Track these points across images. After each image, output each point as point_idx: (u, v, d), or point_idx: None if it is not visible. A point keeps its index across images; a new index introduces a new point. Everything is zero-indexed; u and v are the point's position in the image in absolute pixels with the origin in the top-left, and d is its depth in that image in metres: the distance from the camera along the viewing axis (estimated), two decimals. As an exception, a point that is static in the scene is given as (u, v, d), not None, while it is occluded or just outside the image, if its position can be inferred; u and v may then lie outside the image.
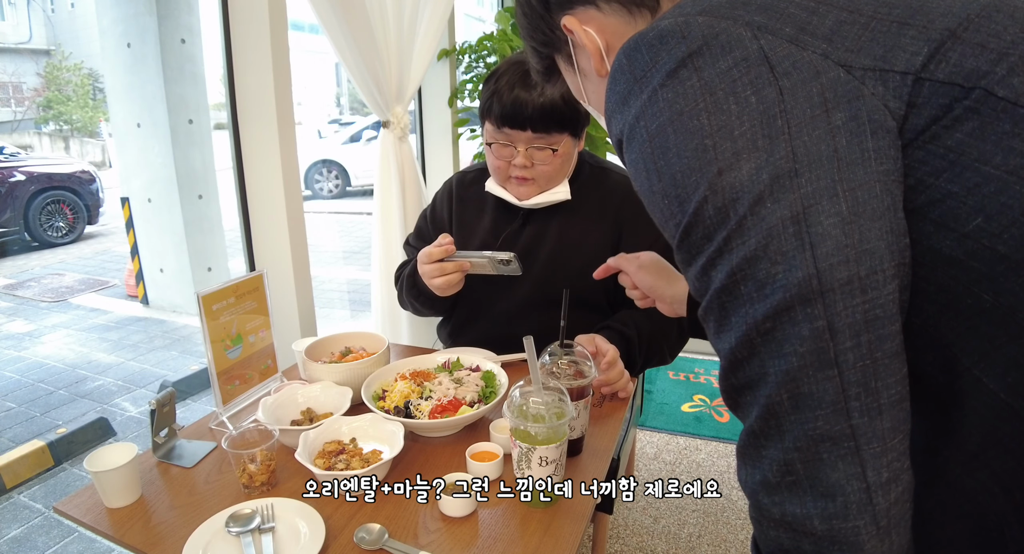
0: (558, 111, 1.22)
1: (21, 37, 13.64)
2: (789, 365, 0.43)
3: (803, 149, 0.42)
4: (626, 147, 0.50)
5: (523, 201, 1.34)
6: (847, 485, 0.43)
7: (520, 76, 1.23)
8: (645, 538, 1.85)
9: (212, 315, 1.11)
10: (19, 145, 8.93)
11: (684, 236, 0.47)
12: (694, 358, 3.14)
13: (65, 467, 2.42)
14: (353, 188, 9.18)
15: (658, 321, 1.34)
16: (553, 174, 1.30)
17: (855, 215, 0.42)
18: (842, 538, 0.44)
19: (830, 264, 0.41)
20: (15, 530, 2.04)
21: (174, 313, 4.40)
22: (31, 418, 2.86)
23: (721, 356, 0.48)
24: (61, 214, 6.60)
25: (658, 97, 0.46)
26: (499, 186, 1.36)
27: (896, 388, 0.43)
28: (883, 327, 0.42)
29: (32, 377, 3.32)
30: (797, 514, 0.45)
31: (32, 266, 5.81)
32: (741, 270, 0.44)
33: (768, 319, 0.43)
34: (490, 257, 1.23)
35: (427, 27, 2.01)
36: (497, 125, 1.26)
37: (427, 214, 1.55)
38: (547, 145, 1.25)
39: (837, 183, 0.42)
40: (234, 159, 1.66)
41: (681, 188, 0.46)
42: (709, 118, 0.44)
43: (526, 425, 0.88)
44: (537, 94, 1.21)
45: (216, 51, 1.65)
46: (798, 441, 0.44)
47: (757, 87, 0.43)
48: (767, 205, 0.42)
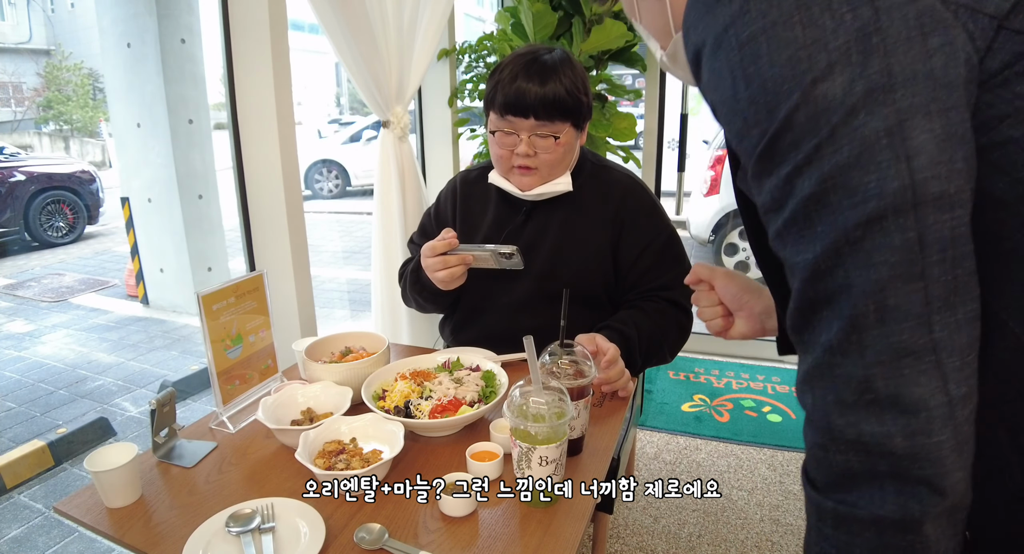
0: (560, 100, 1.23)
1: (21, 37, 13.64)
2: (878, 275, 0.44)
3: (899, 66, 0.43)
4: (709, 55, 0.50)
5: (525, 192, 1.34)
6: (930, 399, 0.43)
7: (523, 67, 1.25)
8: (645, 538, 1.85)
9: (212, 315, 1.11)
10: (19, 145, 8.92)
11: (770, 143, 0.47)
12: (694, 358, 3.14)
13: (65, 467, 2.42)
14: (353, 188, 9.18)
15: (658, 320, 1.34)
16: (555, 163, 1.31)
17: (947, 135, 0.43)
18: (924, 454, 0.43)
19: (924, 177, 0.42)
20: (15, 530, 2.04)
21: (174, 313, 4.40)
22: (31, 418, 2.86)
23: (800, 269, 0.48)
24: (61, 214, 6.60)
25: (750, 7, 0.46)
26: (502, 177, 1.37)
27: (971, 305, 0.44)
28: (964, 245, 0.44)
29: (32, 377, 3.32)
30: (876, 433, 0.44)
31: (32, 266, 5.81)
32: (832, 178, 0.44)
33: (859, 227, 0.44)
34: (492, 250, 1.24)
35: (427, 27, 2.01)
36: (500, 113, 1.27)
37: (431, 211, 1.56)
38: (550, 133, 1.26)
39: (931, 102, 0.43)
40: (234, 159, 1.66)
41: (772, 95, 0.46)
42: (804, 30, 0.44)
43: (526, 425, 0.88)
44: (539, 84, 1.22)
45: (216, 51, 1.65)
46: (880, 355, 0.44)
47: (853, 5, 0.43)
48: (860, 116, 0.43)
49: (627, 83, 2.75)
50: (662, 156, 2.87)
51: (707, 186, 4.49)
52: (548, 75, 1.23)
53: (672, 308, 1.37)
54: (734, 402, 2.67)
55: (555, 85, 1.22)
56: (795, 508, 1.96)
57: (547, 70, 1.24)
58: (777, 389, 2.78)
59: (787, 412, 2.58)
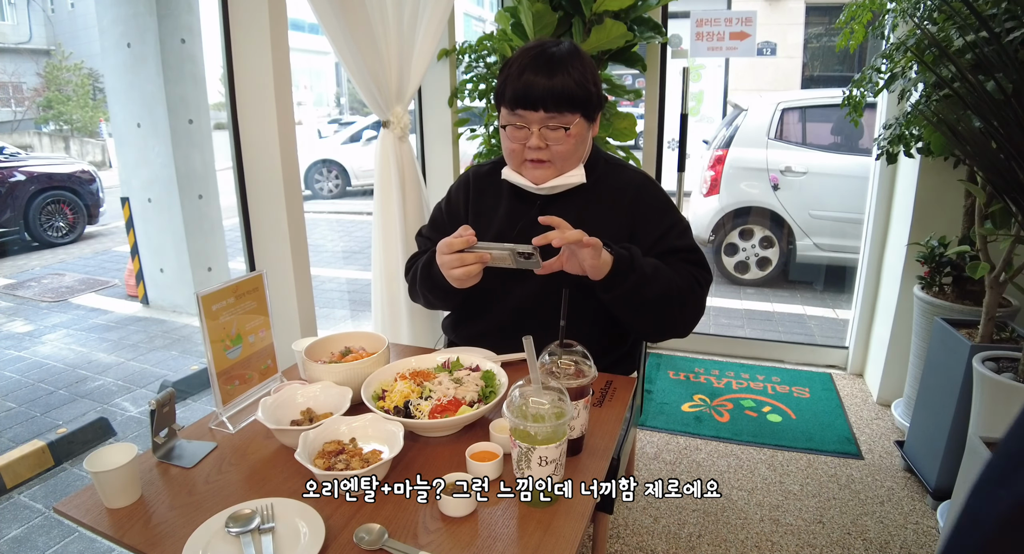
0: (569, 91, 1.23)
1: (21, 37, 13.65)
2: None
3: None
4: None
5: (539, 185, 1.33)
6: None
7: (531, 60, 1.25)
8: (645, 538, 1.85)
9: (212, 315, 1.11)
10: (19, 145, 8.92)
11: None
12: (694, 358, 3.14)
13: (65, 467, 2.42)
14: (353, 188, 9.18)
15: (670, 268, 1.29)
16: (568, 155, 1.30)
17: None
18: None
19: None
20: (15, 530, 2.04)
21: (174, 313, 4.40)
22: (31, 418, 2.86)
23: None
24: (61, 214, 6.60)
25: None
26: (515, 172, 1.36)
27: None
28: None
29: (32, 377, 3.32)
30: None
31: (32, 266, 5.81)
32: None
33: None
34: (511, 249, 1.19)
35: (427, 27, 2.01)
36: (511, 107, 1.27)
37: (442, 205, 1.54)
38: (560, 124, 1.26)
39: None
40: (234, 159, 1.66)
41: None
42: None
43: (526, 425, 0.88)
44: (548, 76, 1.22)
45: (216, 51, 1.65)
46: None
47: None
48: None
49: (627, 83, 2.75)
50: (662, 156, 2.87)
51: (707, 186, 4.49)
52: (556, 67, 1.23)
53: (686, 264, 1.33)
54: (734, 402, 2.67)
55: (564, 77, 1.22)
56: (795, 508, 1.96)
57: (555, 62, 1.24)
58: (777, 389, 2.78)
59: (787, 412, 2.58)
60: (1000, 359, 1.76)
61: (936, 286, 2.28)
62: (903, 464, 2.19)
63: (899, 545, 1.81)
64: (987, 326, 1.92)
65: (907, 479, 2.13)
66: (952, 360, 1.91)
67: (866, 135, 3.95)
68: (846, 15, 2.34)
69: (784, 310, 4.08)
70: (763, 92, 5.98)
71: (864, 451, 2.30)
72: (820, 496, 2.03)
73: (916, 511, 1.96)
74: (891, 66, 2.16)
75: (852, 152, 4.20)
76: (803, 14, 8.90)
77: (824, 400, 2.69)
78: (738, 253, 4.50)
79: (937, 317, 2.08)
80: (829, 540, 1.81)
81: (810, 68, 9.28)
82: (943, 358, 1.99)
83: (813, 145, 4.37)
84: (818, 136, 4.41)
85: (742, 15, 2.72)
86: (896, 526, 1.89)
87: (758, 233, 4.42)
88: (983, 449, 1.42)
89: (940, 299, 2.22)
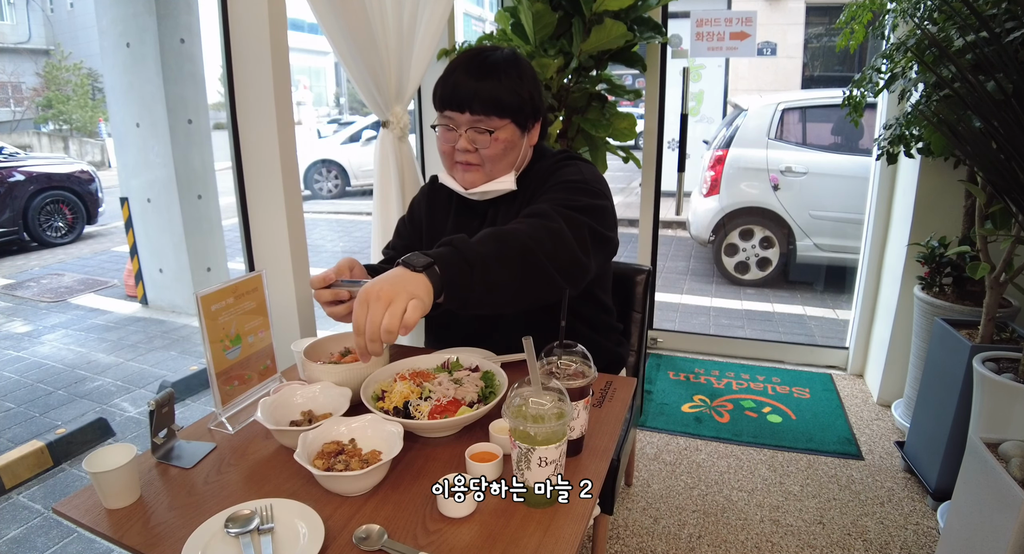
0: (495, 96, 1.22)
1: (21, 37, 13.64)
2: None
3: None
4: None
5: (469, 190, 1.33)
6: None
7: (464, 62, 1.25)
8: (645, 538, 1.85)
9: (211, 315, 1.11)
10: (18, 145, 8.92)
11: None
12: (694, 358, 3.14)
13: (64, 467, 2.42)
14: (353, 188, 9.19)
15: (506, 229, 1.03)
16: (496, 159, 1.29)
17: None
18: None
19: None
20: (14, 531, 2.04)
21: (173, 313, 4.40)
22: (30, 418, 2.86)
23: None
24: (60, 214, 6.60)
25: None
26: (448, 176, 1.36)
27: None
28: None
29: (31, 377, 3.32)
30: None
31: (31, 266, 5.81)
32: None
33: None
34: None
35: (427, 27, 2.01)
36: (440, 108, 1.28)
37: (405, 218, 1.55)
38: (487, 128, 1.25)
39: None
40: (234, 159, 1.66)
41: None
42: None
43: (526, 425, 0.87)
44: (476, 79, 1.22)
45: (216, 51, 1.64)
46: None
47: None
48: None
49: (627, 83, 2.75)
50: (662, 156, 2.87)
51: (707, 186, 4.49)
52: (488, 71, 1.23)
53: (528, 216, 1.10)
54: (734, 403, 2.67)
55: (493, 81, 1.22)
56: (795, 509, 1.96)
57: (487, 66, 1.24)
58: (777, 390, 2.78)
59: (787, 413, 2.58)
60: (1000, 360, 1.76)
61: (936, 286, 2.28)
62: (903, 465, 2.18)
63: (899, 546, 1.81)
64: (987, 326, 1.92)
65: (907, 480, 2.13)
66: (952, 361, 1.91)
67: (866, 135, 3.95)
68: (846, 15, 2.34)
69: (784, 310, 4.09)
70: (763, 92, 5.98)
71: (864, 452, 2.30)
72: (820, 497, 2.03)
73: (916, 512, 1.96)
74: (891, 66, 2.16)
75: (852, 152, 4.20)
76: (803, 14, 8.90)
77: (824, 401, 2.69)
78: (738, 253, 4.50)
79: (937, 317, 2.08)
80: (829, 541, 1.81)
81: (810, 68, 9.29)
82: (943, 359, 1.99)
83: (813, 145, 4.37)
84: (818, 136, 4.41)
85: (742, 15, 2.72)
86: (896, 527, 1.89)
87: (758, 233, 4.42)
88: (983, 450, 1.41)
89: (940, 299, 2.22)
